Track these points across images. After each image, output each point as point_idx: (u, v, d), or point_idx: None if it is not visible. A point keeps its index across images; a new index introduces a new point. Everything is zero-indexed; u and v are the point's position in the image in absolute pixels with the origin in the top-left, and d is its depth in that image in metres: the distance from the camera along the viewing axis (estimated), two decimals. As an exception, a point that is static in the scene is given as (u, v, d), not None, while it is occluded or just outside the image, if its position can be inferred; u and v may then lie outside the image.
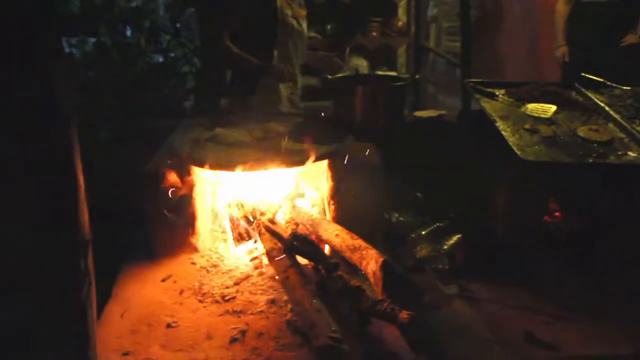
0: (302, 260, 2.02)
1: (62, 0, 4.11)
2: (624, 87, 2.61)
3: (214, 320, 1.84)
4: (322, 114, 2.40)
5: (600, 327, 1.81)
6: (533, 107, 2.36)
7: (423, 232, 2.12)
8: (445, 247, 2.04)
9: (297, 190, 2.31)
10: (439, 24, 6.74)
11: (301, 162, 2.01)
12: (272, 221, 2.13)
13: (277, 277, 1.95)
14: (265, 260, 2.11)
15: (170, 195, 2.08)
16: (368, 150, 2.12)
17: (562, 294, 1.96)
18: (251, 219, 2.24)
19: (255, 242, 2.24)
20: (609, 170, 2.06)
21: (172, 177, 2.13)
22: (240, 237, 2.27)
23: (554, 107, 2.36)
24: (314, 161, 2.01)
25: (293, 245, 1.94)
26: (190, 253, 2.21)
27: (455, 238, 2.06)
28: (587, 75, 2.71)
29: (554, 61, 5.02)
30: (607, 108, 2.39)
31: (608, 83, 2.65)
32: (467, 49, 3.43)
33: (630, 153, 2.09)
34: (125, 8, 4.38)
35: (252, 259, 2.16)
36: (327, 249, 2.10)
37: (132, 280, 2.09)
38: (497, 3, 6.31)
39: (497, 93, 2.46)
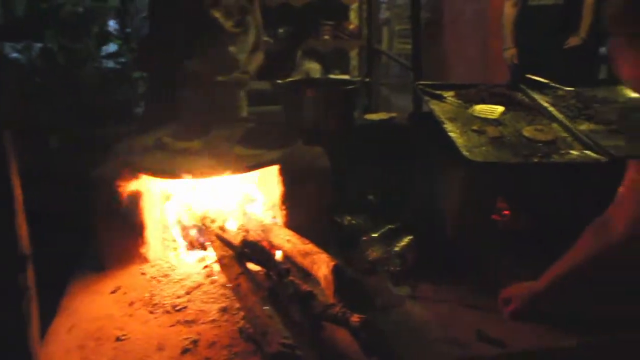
0: (254, 267, 2.01)
1: (6, 4, 4.02)
2: (567, 88, 2.67)
3: (165, 331, 1.81)
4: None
5: (548, 321, 1.84)
6: (481, 109, 2.39)
7: (374, 235, 2.13)
8: (397, 249, 2.05)
9: (248, 197, 2.29)
10: (391, 26, 6.84)
11: (251, 168, 2.00)
12: (222, 228, 2.11)
13: (228, 285, 1.93)
14: (216, 268, 2.08)
15: (118, 204, 2.04)
16: (317, 155, 2.12)
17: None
18: (202, 227, 2.22)
19: (207, 250, 2.21)
20: (553, 169, 2.11)
21: (120, 185, 2.08)
22: (191, 246, 2.24)
23: (501, 108, 2.40)
24: (264, 167, 2.00)
25: (244, 252, 1.93)
26: (140, 263, 2.17)
27: (406, 240, 2.08)
28: (532, 77, 2.77)
29: (504, 63, 5.14)
30: (550, 108, 2.44)
31: (552, 84, 2.71)
32: (417, 51, 3.47)
33: (573, 152, 2.14)
34: (71, 12, 4.29)
35: (203, 267, 2.13)
36: (279, 255, 2.09)
37: (81, 293, 2.03)
38: (449, 5, 6.42)
39: (445, 95, 2.49)
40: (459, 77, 5.92)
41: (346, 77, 5.24)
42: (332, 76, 5.02)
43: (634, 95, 2.70)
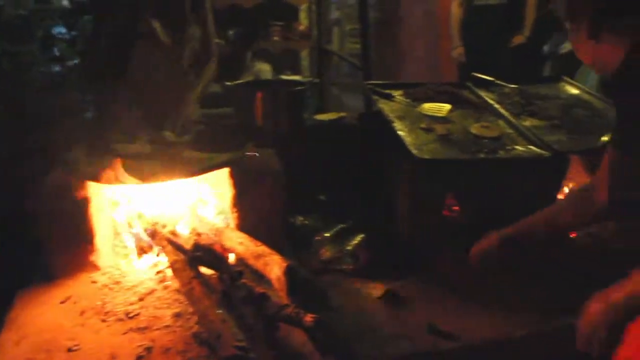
0: (207, 271, 2.00)
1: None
2: (512, 85, 2.75)
3: (118, 339, 1.78)
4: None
5: (497, 313, 1.90)
6: (429, 107, 2.44)
7: (327, 234, 2.15)
8: (349, 248, 2.08)
9: (200, 200, 2.28)
10: (342, 26, 6.88)
11: (200, 171, 1.99)
12: (173, 233, 2.09)
13: (181, 290, 1.92)
14: (169, 273, 2.06)
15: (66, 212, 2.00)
16: (267, 156, 2.12)
17: (462, 285, 2.04)
18: (153, 232, 2.19)
19: (159, 255, 2.19)
20: (499, 164, 2.17)
21: (68, 192, 2.04)
22: (142, 251, 2.21)
23: (448, 106, 2.46)
24: (214, 170, 1.99)
25: (196, 256, 1.92)
26: (90, 271, 2.12)
27: (358, 238, 2.10)
28: (478, 75, 2.84)
29: (452, 61, 5.24)
30: (496, 105, 2.51)
31: (497, 82, 2.79)
32: (367, 51, 3.52)
33: (518, 147, 2.21)
34: (14, 16, 4.17)
35: (156, 273, 2.11)
36: (232, 258, 2.08)
37: (29, 305, 1.98)
38: (399, 5, 6.49)
39: (394, 94, 2.53)
40: (410, 76, 6.00)
41: (297, 77, 5.25)
42: (283, 77, 5.02)
43: (574, 91, 2.80)
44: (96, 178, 2.02)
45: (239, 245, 1.98)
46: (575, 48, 1.60)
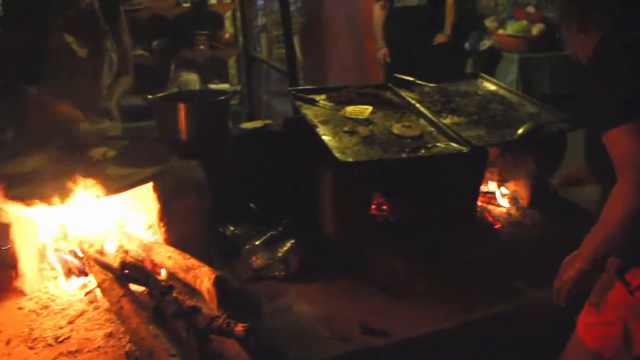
0: (138, 288, 1.97)
1: None
2: (431, 85, 2.83)
3: (47, 366, 1.74)
4: None
5: (427, 307, 1.97)
6: (351, 110, 2.48)
7: (257, 242, 2.15)
8: (280, 254, 2.09)
9: (128, 216, 2.24)
10: (269, 32, 6.89)
11: (123, 188, 1.96)
12: (100, 252, 2.05)
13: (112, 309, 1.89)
14: (100, 293, 2.02)
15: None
16: (192, 168, 2.11)
17: (392, 283, 2.09)
18: (80, 252, 2.14)
19: (88, 275, 2.14)
20: (422, 162, 2.23)
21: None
22: (71, 273, 2.16)
23: (370, 108, 2.51)
24: (137, 186, 1.97)
25: (124, 274, 1.89)
26: (16, 298, 2.05)
27: (288, 244, 2.12)
28: (399, 76, 2.91)
29: (378, 63, 5.34)
30: (417, 105, 2.58)
31: (418, 81, 2.86)
32: (291, 57, 3.55)
33: (439, 144, 2.28)
34: None
35: (86, 294, 2.06)
36: (163, 273, 2.06)
37: (-50, 337, 1.90)
38: (323, 9, 6.56)
39: (317, 99, 2.56)
40: (337, 79, 6.07)
41: (225, 86, 5.23)
42: (211, 86, 5.00)
43: (492, 87, 2.91)
44: (17, 199, 1.96)
45: (167, 259, 1.97)
46: (567, 43, 1.80)
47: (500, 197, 2.70)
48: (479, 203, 2.64)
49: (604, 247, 1.56)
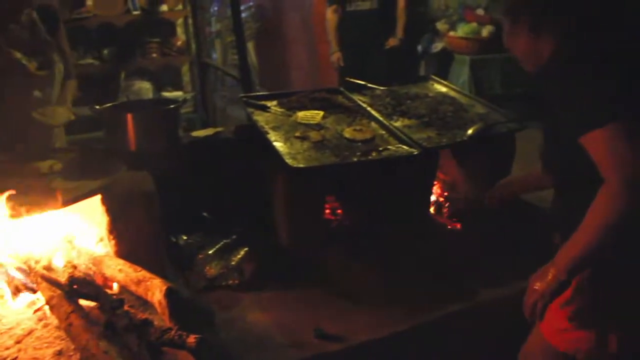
0: (89, 303, 1.93)
1: None
2: (382, 88, 2.85)
3: (-8, 389, 1.68)
4: None
5: (382, 310, 1.98)
6: (303, 115, 2.48)
7: (210, 251, 2.13)
8: (234, 263, 2.08)
9: (77, 230, 2.19)
10: (223, 38, 6.86)
11: (69, 202, 1.91)
12: (48, 268, 1.99)
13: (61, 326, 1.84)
14: (48, 310, 1.97)
15: None
16: (141, 179, 2.08)
17: (348, 287, 2.10)
18: (27, 268, 2.08)
19: (37, 292, 2.08)
20: (373, 165, 2.25)
21: None
22: (18, 291, 2.09)
23: (321, 113, 2.51)
24: (84, 199, 1.92)
25: (73, 289, 1.84)
26: (-42, 320, 1.99)
27: (242, 252, 2.11)
28: (351, 79, 2.92)
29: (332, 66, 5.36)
30: (368, 108, 2.60)
31: (369, 85, 2.88)
32: (244, 63, 3.53)
33: (390, 147, 2.29)
34: None
35: (34, 312, 2.00)
36: (115, 287, 2.02)
37: None
38: (276, 14, 6.57)
39: (269, 105, 2.55)
40: (294, 83, 6.08)
41: (179, 93, 5.17)
42: (165, 94, 4.94)
43: (442, 89, 2.95)
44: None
45: (118, 272, 1.93)
46: (507, 40, 1.70)
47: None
48: (432, 204, 2.67)
49: (587, 254, 1.49)
